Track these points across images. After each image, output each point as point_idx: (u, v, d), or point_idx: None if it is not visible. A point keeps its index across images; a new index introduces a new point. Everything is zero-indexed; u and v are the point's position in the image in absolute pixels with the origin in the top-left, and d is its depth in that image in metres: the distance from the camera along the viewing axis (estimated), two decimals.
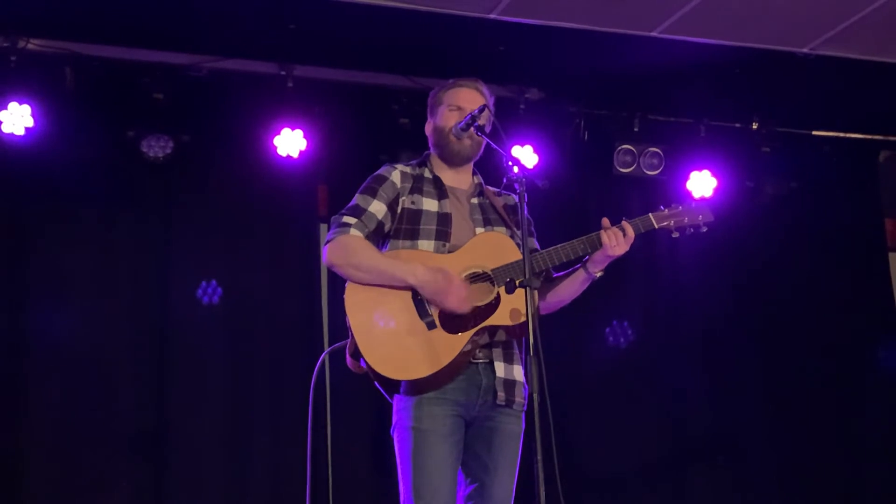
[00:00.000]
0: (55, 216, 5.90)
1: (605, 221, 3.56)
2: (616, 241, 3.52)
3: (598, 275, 3.59)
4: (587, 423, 6.53)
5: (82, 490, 5.68)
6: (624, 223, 3.56)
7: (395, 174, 3.66)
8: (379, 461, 5.71)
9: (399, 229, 3.60)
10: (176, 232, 6.10)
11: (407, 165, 3.73)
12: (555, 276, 3.69)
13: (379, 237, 3.60)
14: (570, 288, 3.65)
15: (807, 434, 6.95)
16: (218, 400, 5.99)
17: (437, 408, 3.44)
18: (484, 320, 3.45)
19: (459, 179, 3.74)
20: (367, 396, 5.50)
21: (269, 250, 6.26)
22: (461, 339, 3.43)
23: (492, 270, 3.48)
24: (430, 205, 3.62)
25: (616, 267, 3.67)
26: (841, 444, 7.01)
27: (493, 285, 3.48)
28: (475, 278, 3.49)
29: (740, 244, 7.04)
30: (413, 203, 3.61)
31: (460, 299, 3.42)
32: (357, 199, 3.63)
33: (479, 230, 3.62)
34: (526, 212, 3.38)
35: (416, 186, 3.65)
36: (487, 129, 3.62)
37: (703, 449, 6.77)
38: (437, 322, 3.44)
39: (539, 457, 3.07)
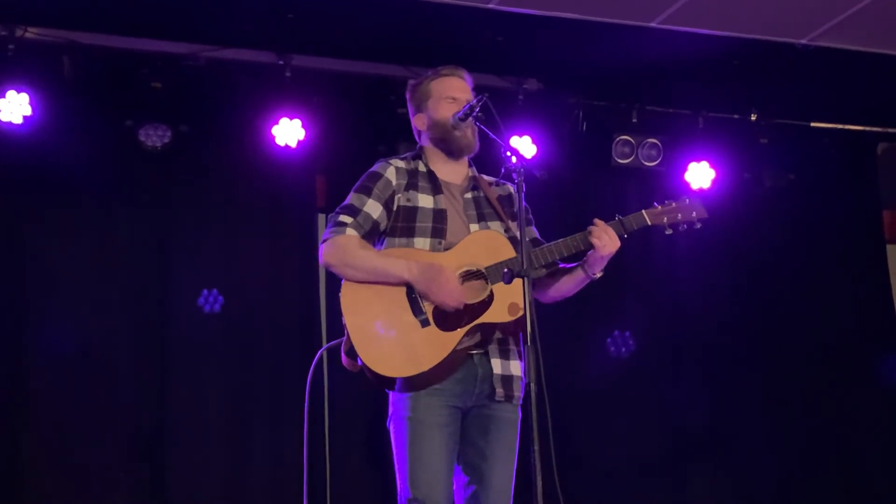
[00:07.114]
0: (52, 205, 5.89)
1: (597, 222, 3.54)
2: (605, 240, 3.50)
3: (598, 276, 3.59)
4: (587, 421, 6.49)
5: (82, 490, 5.66)
6: (614, 226, 3.53)
7: (391, 171, 3.65)
8: (376, 455, 5.71)
9: (395, 227, 3.59)
10: (174, 221, 6.09)
11: (401, 160, 3.71)
12: (560, 266, 3.67)
13: (375, 236, 3.60)
14: (570, 284, 3.65)
15: (805, 431, 6.94)
16: (216, 394, 5.98)
17: (433, 398, 3.44)
18: (477, 318, 3.45)
19: (454, 173, 3.72)
20: (365, 391, 5.50)
21: (267, 240, 6.26)
22: (454, 337, 3.42)
23: (485, 268, 3.48)
24: (425, 201, 3.61)
25: (614, 264, 3.66)
26: (840, 442, 7.00)
27: (487, 283, 3.47)
28: (469, 276, 3.49)
29: (738, 236, 7.04)
30: (408, 200, 3.60)
31: (451, 292, 3.41)
32: (352, 197, 3.62)
33: (473, 226, 3.62)
34: (524, 201, 3.37)
35: (412, 182, 3.64)
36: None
37: (701, 446, 6.76)
38: (431, 320, 3.44)
39: (536, 447, 3.06)
